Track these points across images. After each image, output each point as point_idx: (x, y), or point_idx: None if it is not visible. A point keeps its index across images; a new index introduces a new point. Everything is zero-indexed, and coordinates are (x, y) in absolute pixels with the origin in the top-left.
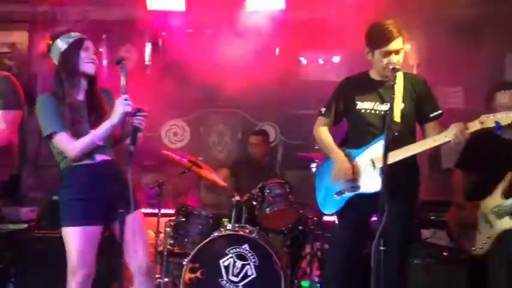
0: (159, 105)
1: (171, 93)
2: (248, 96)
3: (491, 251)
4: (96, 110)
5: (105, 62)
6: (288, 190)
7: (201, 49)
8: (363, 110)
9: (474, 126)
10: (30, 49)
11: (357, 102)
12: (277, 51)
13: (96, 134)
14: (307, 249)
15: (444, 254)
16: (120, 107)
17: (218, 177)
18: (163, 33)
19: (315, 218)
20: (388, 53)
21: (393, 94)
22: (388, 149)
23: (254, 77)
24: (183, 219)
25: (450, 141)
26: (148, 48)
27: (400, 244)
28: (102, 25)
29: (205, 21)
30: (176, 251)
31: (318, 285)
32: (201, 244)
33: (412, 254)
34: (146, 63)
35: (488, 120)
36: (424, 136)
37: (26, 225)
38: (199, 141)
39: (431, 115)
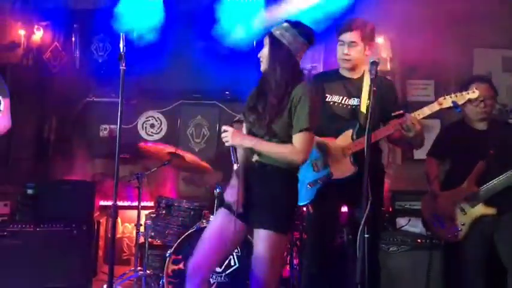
0: (134, 96)
1: (147, 84)
2: (226, 89)
3: (466, 236)
4: None
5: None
6: None
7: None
8: (331, 103)
9: (433, 107)
10: None
11: (327, 95)
12: None
13: None
14: None
15: (418, 240)
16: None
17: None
18: None
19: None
20: (342, 43)
21: (374, 87)
22: (369, 137)
23: (231, 69)
24: (164, 212)
25: (406, 123)
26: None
27: (375, 230)
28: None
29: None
30: (156, 243)
31: (298, 272)
32: (184, 235)
33: (388, 241)
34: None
35: (446, 101)
36: None
37: None
38: (176, 133)
39: (393, 114)
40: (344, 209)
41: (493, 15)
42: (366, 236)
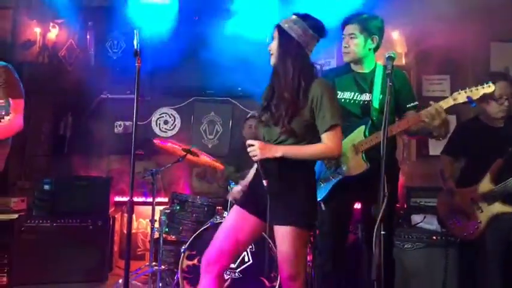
0: (148, 93)
1: (161, 81)
2: (238, 85)
3: (482, 234)
4: None
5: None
6: None
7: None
8: (342, 100)
9: (448, 103)
10: (13, 37)
11: (338, 92)
12: None
13: None
14: None
15: (433, 237)
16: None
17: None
18: None
19: None
20: (344, 36)
21: (390, 83)
22: (385, 133)
23: (245, 65)
24: (178, 207)
25: (424, 121)
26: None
27: (390, 227)
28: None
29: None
30: (170, 238)
31: (311, 268)
32: (199, 231)
33: (403, 238)
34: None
35: (460, 96)
36: None
37: (16, 216)
38: (190, 130)
39: (408, 105)
40: (358, 205)
41: (510, 9)
42: (382, 233)
